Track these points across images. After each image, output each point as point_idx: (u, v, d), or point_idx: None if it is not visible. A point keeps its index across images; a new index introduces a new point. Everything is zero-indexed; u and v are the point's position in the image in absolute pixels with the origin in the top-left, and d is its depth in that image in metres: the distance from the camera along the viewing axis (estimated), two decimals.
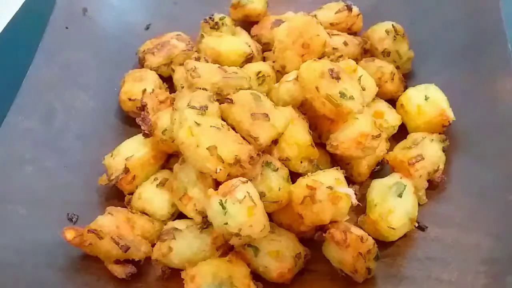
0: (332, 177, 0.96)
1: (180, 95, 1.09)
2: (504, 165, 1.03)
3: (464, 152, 1.11)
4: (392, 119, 1.15)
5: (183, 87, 1.15)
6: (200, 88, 1.05)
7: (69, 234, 0.96)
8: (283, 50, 1.13)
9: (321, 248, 0.98)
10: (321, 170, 1.02)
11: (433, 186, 1.07)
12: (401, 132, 1.16)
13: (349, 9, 1.31)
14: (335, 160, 1.10)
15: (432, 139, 1.09)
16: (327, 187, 0.93)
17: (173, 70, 1.28)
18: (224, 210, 0.87)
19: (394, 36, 1.25)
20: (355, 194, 0.94)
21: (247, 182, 0.91)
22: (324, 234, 0.95)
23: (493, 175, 1.04)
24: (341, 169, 1.00)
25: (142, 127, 1.08)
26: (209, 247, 0.96)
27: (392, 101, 1.20)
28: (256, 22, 1.38)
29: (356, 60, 1.20)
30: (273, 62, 1.19)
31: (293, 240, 0.97)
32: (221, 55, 1.22)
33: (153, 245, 1.00)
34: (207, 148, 0.90)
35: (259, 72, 1.17)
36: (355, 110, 0.99)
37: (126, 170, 1.07)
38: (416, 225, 1.01)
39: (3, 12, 1.55)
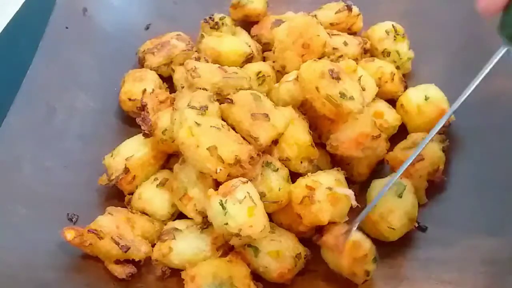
0: (332, 178, 0.96)
1: (180, 95, 1.09)
2: (504, 165, 1.03)
3: (464, 152, 1.11)
4: (392, 119, 1.15)
5: (183, 87, 1.15)
6: (200, 88, 1.05)
7: (69, 234, 0.96)
8: (283, 50, 1.13)
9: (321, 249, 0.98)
10: (321, 170, 1.02)
11: (433, 186, 1.07)
12: (401, 132, 1.16)
13: (349, 9, 1.31)
14: (335, 160, 1.10)
15: (432, 140, 1.09)
16: (326, 188, 0.93)
17: (173, 70, 1.28)
18: (224, 210, 0.87)
19: (394, 36, 1.25)
20: (355, 195, 0.94)
21: (247, 182, 0.91)
22: (317, 242, 0.95)
23: (493, 175, 1.04)
24: (341, 169, 1.00)
25: (142, 127, 1.08)
26: (209, 247, 0.96)
27: (392, 101, 1.20)
28: (256, 22, 1.38)
29: (356, 60, 1.20)
30: (273, 62, 1.19)
31: (293, 240, 0.97)
32: (221, 55, 1.22)
33: (153, 245, 1.00)
34: (207, 148, 0.90)
35: (259, 72, 1.17)
36: (355, 110, 0.99)
37: (126, 170, 1.07)
38: (416, 225, 1.01)
39: (3, 12, 1.55)
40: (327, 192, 0.93)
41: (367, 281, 0.95)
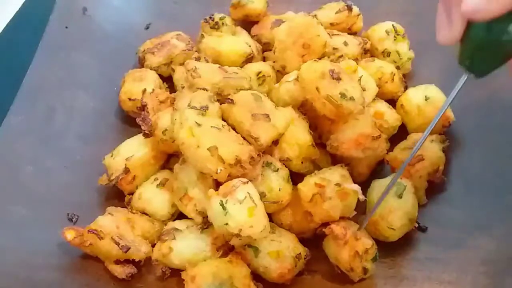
0: (338, 174, 0.97)
1: (180, 95, 1.09)
2: (504, 165, 1.03)
3: (464, 153, 1.11)
4: (392, 119, 1.15)
5: (183, 87, 1.15)
6: (200, 88, 1.05)
7: (69, 234, 0.96)
8: (284, 50, 1.13)
9: (321, 248, 0.98)
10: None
11: (433, 187, 1.07)
12: (401, 133, 1.16)
13: (349, 9, 1.31)
14: (336, 160, 1.10)
15: (432, 140, 1.09)
16: (335, 184, 0.94)
17: (173, 70, 1.28)
18: (225, 210, 0.87)
19: (394, 36, 1.25)
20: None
21: (247, 182, 0.91)
22: (323, 229, 0.95)
23: (493, 175, 1.04)
24: None
25: (142, 127, 1.08)
26: (210, 247, 0.96)
27: (392, 101, 1.20)
28: (256, 22, 1.38)
29: (356, 60, 1.20)
30: (273, 62, 1.19)
31: (293, 240, 0.97)
32: (221, 55, 1.22)
33: (153, 245, 1.00)
34: (207, 149, 0.90)
35: (259, 72, 1.17)
36: (355, 110, 0.99)
37: (126, 170, 1.06)
38: (416, 225, 1.01)
39: (3, 12, 1.54)
40: (336, 188, 0.93)
41: (367, 280, 0.95)
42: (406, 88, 1.22)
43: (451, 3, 0.66)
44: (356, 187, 0.95)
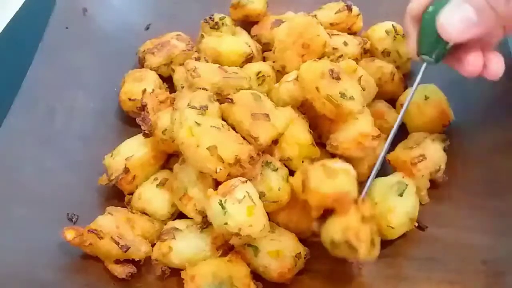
0: (326, 159, 0.96)
1: (180, 95, 1.09)
2: (504, 165, 1.03)
3: (464, 152, 1.11)
4: (392, 119, 1.15)
5: (183, 87, 1.15)
6: (200, 88, 1.05)
7: (69, 234, 0.96)
8: (283, 50, 1.13)
9: (321, 248, 0.97)
10: None
11: (435, 186, 1.07)
12: (402, 132, 1.15)
13: (349, 9, 1.31)
14: None
15: (433, 139, 1.09)
16: (320, 165, 0.92)
17: (173, 70, 1.28)
18: (224, 210, 0.87)
19: (394, 36, 1.25)
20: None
21: (246, 182, 0.91)
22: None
23: (493, 175, 1.04)
24: None
25: (142, 127, 1.08)
26: (209, 247, 0.96)
27: (392, 101, 1.20)
28: (256, 22, 1.38)
29: (356, 60, 1.20)
30: (273, 62, 1.19)
31: (293, 240, 0.97)
32: (221, 55, 1.22)
33: (153, 245, 1.00)
34: (207, 148, 0.90)
35: (259, 72, 1.17)
36: (355, 110, 0.99)
37: (126, 170, 1.06)
38: (416, 225, 1.01)
39: (3, 12, 1.55)
40: (321, 168, 0.91)
41: (367, 280, 0.95)
42: (406, 88, 1.22)
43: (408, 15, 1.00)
44: (346, 166, 0.92)
